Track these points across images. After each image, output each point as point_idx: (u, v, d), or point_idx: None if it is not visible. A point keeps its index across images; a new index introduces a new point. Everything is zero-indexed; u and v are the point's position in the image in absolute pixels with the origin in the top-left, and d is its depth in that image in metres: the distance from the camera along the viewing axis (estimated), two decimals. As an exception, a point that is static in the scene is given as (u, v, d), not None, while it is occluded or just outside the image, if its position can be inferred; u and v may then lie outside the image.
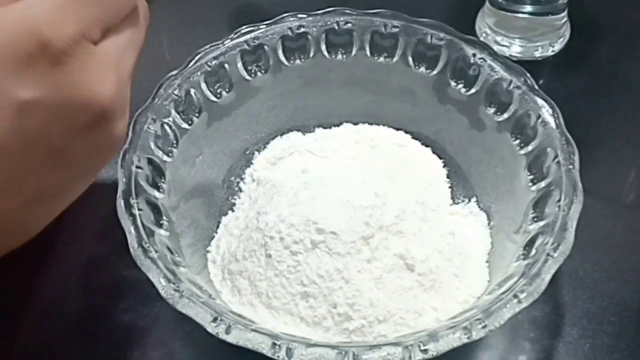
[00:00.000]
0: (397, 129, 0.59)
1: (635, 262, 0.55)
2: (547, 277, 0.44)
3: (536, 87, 0.53)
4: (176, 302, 0.43)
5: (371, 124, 0.60)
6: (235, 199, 0.57)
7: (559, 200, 0.47)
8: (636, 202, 0.60)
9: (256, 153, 0.59)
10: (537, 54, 0.69)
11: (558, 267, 0.45)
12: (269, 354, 0.41)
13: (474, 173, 0.56)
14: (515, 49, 0.69)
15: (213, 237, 0.54)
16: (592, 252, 0.55)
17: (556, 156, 0.50)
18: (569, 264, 0.54)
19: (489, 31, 0.69)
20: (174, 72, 0.54)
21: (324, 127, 0.60)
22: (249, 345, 0.41)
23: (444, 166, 0.58)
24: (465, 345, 0.42)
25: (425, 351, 0.41)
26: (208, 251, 0.53)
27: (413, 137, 0.59)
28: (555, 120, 0.51)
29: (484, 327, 0.42)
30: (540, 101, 0.52)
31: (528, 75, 0.54)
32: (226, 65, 0.56)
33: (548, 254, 0.45)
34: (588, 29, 0.71)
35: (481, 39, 0.69)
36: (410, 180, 0.56)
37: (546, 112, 0.52)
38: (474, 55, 0.55)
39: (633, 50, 0.71)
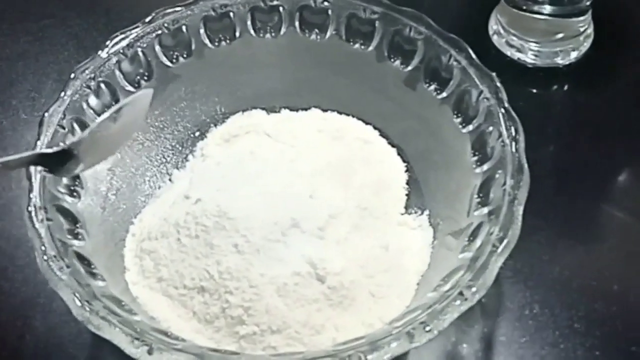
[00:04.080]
0: (367, 123, 0.55)
1: (592, 311, 0.49)
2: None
3: (505, 102, 0.47)
4: (88, 322, 0.39)
5: (341, 113, 0.55)
6: (180, 169, 0.54)
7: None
8: (609, 239, 0.54)
9: (212, 126, 0.55)
10: (559, 60, 0.63)
11: (502, 299, 0.43)
12: None
13: (431, 183, 0.51)
14: (530, 54, 0.62)
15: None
16: (545, 292, 0.50)
17: (504, 183, 0.44)
18: (516, 300, 0.50)
19: (502, 31, 0.63)
20: (86, 61, 0.50)
21: (291, 109, 0.56)
22: None
23: (406, 171, 0.53)
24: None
25: None
26: (132, 222, 0.50)
27: (381, 134, 0.54)
28: (515, 145, 0.46)
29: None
30: (505, 119, 0.47)
31: (500, 87, 0.48)
32: (184, 29, 0.53)
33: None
34: (613, 34, 0.64)
35: (493, 39, 0.63)
36: (364, 181, 0.52)
37: (511, 132, 0.46)
38: (450, 56, 0.50)
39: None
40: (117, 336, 0.39)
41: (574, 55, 0.63)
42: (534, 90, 0.62)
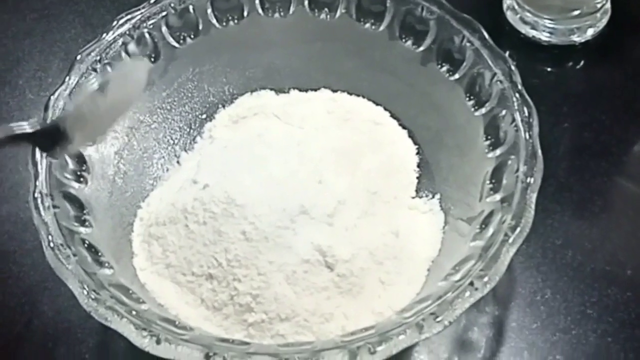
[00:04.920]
0: (377, 104, 0.54)
1: (605, 297, 0.49)
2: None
3: (519, 85, 0.46)
4: (95, 312, 0.39)
5: (351, 94, 0.54)
6: (188, 152, 0.53)
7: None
8: (624, 223, 0.53)
9: (221, 107, 0.55)
10: (575, 38, 0.61)
11: (513, 284, 0.43)
12: None
13: (443, 166, 0.51)
14: (545, 31, 0.61)
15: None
16: (557, 277, 0.49)
17: (517, 169, 0.43)
18: (527, 285, 0.49)
19: (516, 7, 0.61)
20: (92, 43, 0.49)
21: (300, 90, 0.55)
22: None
23: (417, 153, 0.52)
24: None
25: None
26: (140, 207, 0.50)
27: (392, 116, 0.54)
28: (529, 130, 0.45)
29: (372, 353, 0.38)
30: (519, 103, 0.46)
31: (514, 69, 0.47)
32: (191, 9, 0.52)
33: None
34: (631, 10, 0.62)
35: (507, 15, 0.62)
36: (373, 164, 0.51)
37: (525, 116, 0.45)
38: (463, 37, 0.49)
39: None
40: (125, 327, 0.38)
41: (590, 32, 0.61)
42: (549, 69, 0.61)
